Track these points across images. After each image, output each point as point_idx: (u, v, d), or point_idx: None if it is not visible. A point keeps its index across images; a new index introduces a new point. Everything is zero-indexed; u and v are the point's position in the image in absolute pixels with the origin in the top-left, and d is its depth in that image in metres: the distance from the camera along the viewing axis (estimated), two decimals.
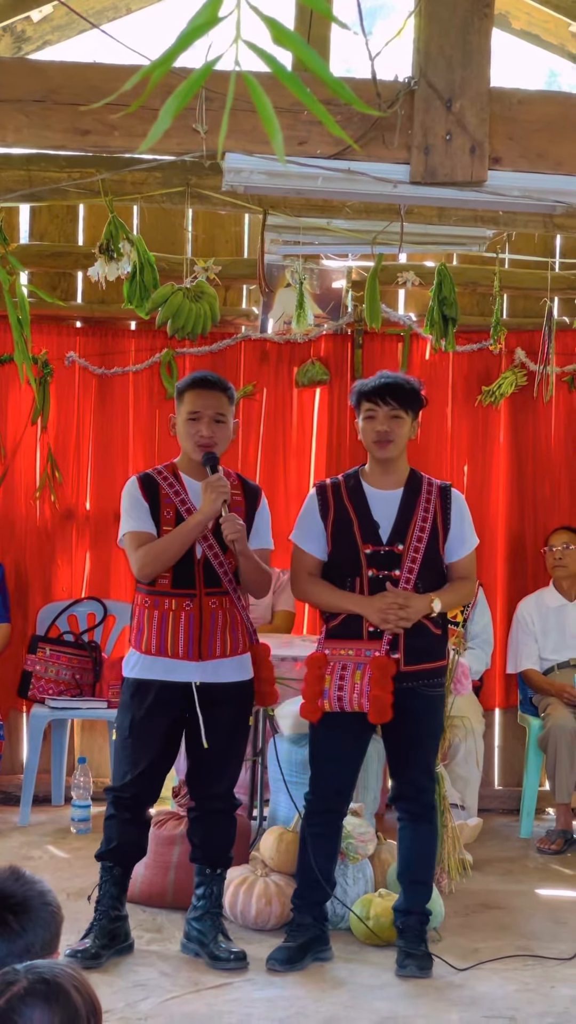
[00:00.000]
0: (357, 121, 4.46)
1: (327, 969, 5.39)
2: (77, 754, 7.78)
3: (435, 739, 5.60)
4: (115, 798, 5.48)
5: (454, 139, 4.55)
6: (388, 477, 5.48)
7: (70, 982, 2.37)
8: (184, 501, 5.39)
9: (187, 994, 5.08)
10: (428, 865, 5.57)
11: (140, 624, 5.44)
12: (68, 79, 4.51)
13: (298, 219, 6.42)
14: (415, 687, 5.36)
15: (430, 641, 5.41)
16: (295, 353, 8.05)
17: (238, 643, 5.43)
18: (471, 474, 8.20)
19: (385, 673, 5.26)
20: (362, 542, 5.40)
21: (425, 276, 7.52)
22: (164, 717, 5.38)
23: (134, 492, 5.44)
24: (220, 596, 5.39)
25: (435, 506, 5.43)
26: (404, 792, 5.53)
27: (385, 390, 5.42)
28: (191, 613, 5.35)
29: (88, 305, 7.94)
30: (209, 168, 5.37)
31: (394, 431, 5.41)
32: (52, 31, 7.17)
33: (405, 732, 5.44)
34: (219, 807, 5.51)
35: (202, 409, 5.37)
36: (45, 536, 7.95)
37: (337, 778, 5.48)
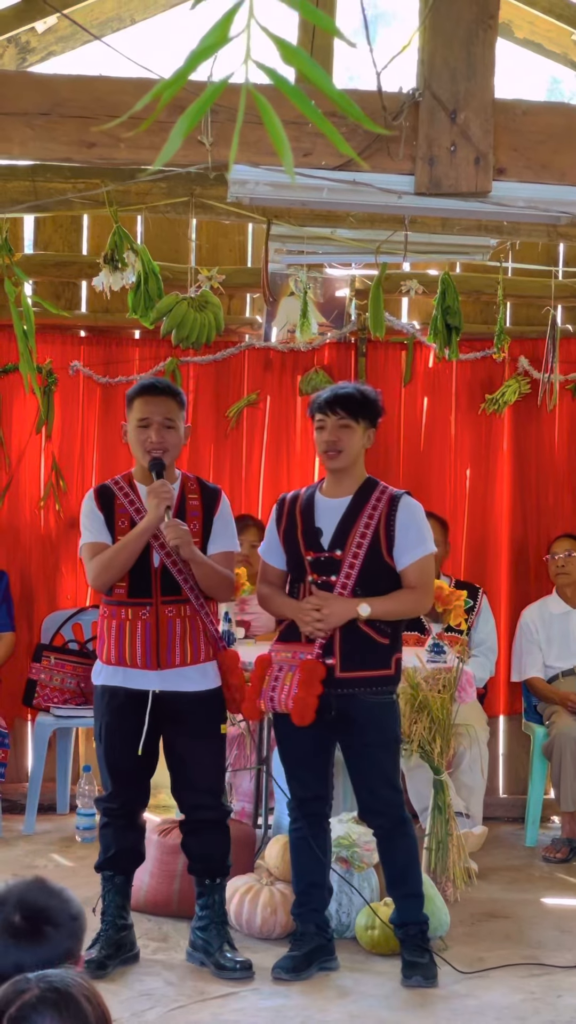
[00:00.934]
0: (362, 133, 4.47)
1: (333, 978, 5.39)
2: (82, 762, 7.78)
3: (390, 750, 5.49)
4: (105, 808, 5.53)
5: (459, 150, 4.56)
6: (340, 486, 5.49)
7: (81, 991, 2.38)
8: (139, 510, 5.41)
9: (193, 1003, 5.09)
10: (415, 876, 5.53)
11: (102, 634, 5.50)
12: (74, 92, 4.52)
13: (302, 229, 6.43)
14: (355, 693, 5.34)
15: (372, 648, 5.37)
16: (299, 361, 8.06)
17: (199, 651, 5.43)
18: (475, 482, 8.20)
19: (312, 676, 5.26)
20: (305, 548, 5.43)
21: (428, 285, 7.52)
22: (132, 719, 5.38)
23: (90, 504, 5.49)
24: (179, 604, 5.40)
25: (381, 513, 5.40)
26: (369, 806, 5.49)
27: (334, 400, 5.43)
28: (147, 622, 5.36)
29: (92, 314, 7.95)
30: (214, 179, 5.38)
31: (342, 440, 5.41)
32: (56, 42, 7.18)
33: (355, 742, 5.43)
34: (207, 817, 5.50)
35: (151, 415, 5.38)
36: (49, 545, 7.96)
37: (307, 781, 5.51)
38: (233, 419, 7.98)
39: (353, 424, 5.41)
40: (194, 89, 1.76)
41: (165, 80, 1.73)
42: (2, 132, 4.51)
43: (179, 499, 5.44)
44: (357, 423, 5.42)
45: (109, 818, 5.50)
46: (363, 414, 5.43)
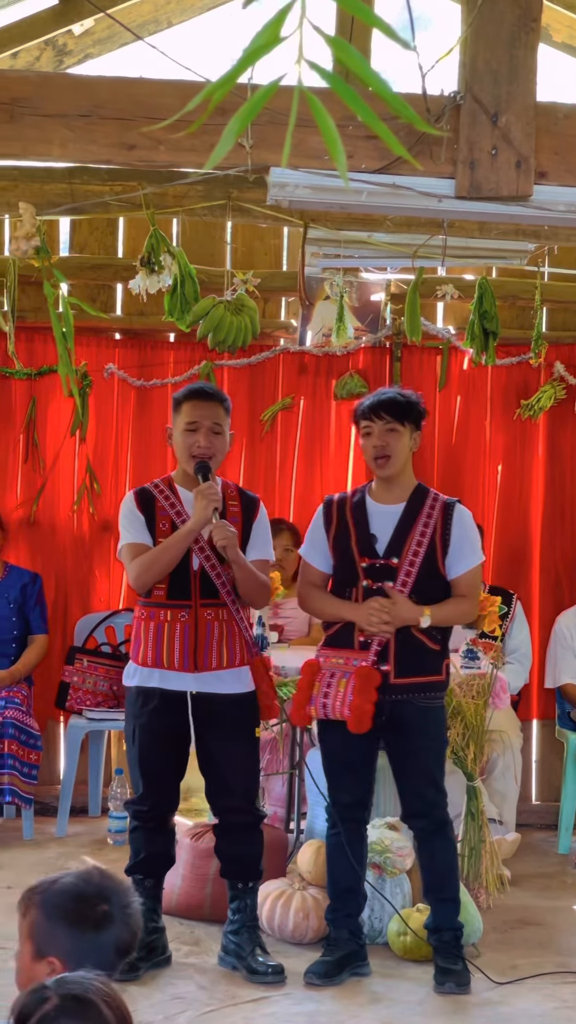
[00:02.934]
0: (403, 135, 4.44)
1: (365, 984, 5.38)
2: (114, 765, 7.78)
3: (438, 753, 5.54)
4: (135, 811, 5.52)
5: (500, 154, 4.55)
6: (391, 492, 5.49)
7: (100, 996, 2.38)
8: (180, 513, 5.41)
9: (225, 1007, 5.08)
10: (452, 880, 5.53)
11: (138, 636, 5.48)
12: (114, 94, 4.52)
13: (339, 232, 6.41)
14: (408, 699, 5.35)
15: (425, 655, 5.39)
16: (333, 366, 8.05)
17: (235, 655, 5.43)
18: (509, 487, 8.17)
19: (368, 683, 5.26)
20: (359, 555, 5.42)
21: (464, 289, 7.49)
22: (166, 721, 5.40)
23: (130, 506, 5.49)
24: (217, 608, 5.41)
25: (436, 521, 5.42)
26: (413, 808, 5.51)
27: (379, 406, 5.44)
28: (186, 624, 5.37)
29: (127, 317, 7.96)
30: (252, 182, 5.37)
31: (391, 445, 5.41)
32: (93, 44, 7.19)
33: (404, 747, 5.44)
34: (241, 820, 5.50)
35: (200, 419, 5.40)
36: (83, 548, 7.97)
37: (349, 787, 5.49)
38: (267, 423, 7.97)
39: (400, 428, 5.41)
40: (237, 91, 1.75)
41: (215, 82, 1.72)
42: (42, 134, 4.51)
43: (220, 506, 5.44)
44: (403, 426, 5.42)
45: (139, 821, 5.50)
46: (408, 417, 5.44)
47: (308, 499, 8.00)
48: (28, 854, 6.99)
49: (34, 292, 7.16)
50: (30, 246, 5.45)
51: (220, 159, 1.57)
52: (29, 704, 7.35)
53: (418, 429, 5.50)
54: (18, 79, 4.69)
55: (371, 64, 1.67)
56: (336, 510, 5.55)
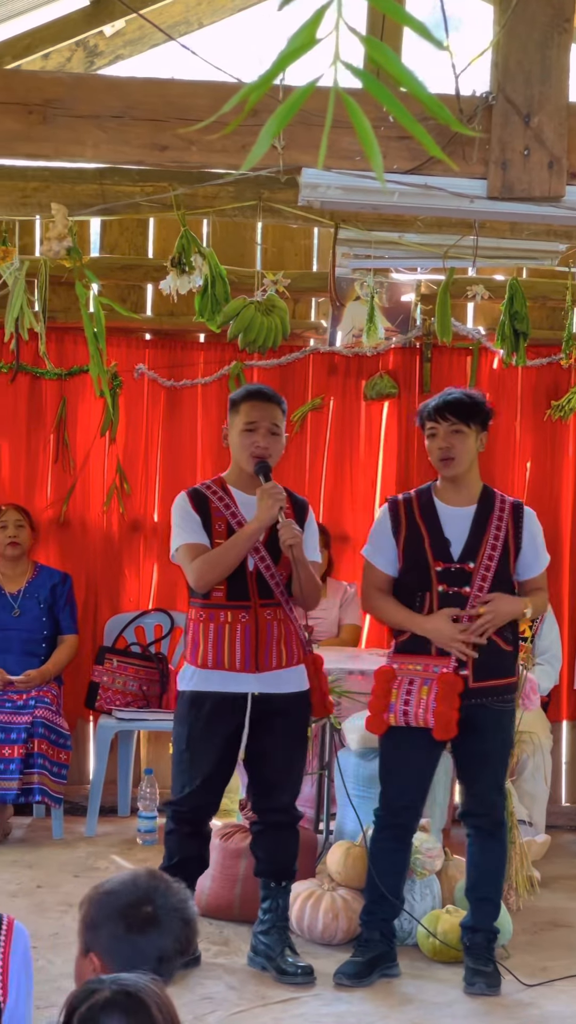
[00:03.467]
0: (434, 136, 4.41)
1: (395, 985, 5.37)
2: (143, 765, 7.79)
3: (505, 755, 5.58)
4: (175, 812, 5.49)
5: (532, 154, 4.53)
6: (460, 494, 5.45)
7: (153, 998, 2.38)
8: (235, 514, 5.41)
9: (254, 1008, 5.08)
10: (496, 883, 5.54)
11: (195, 638, 5.45)
12: (146, 95, 4.53)
13: (369, 233, 6.41)
14: (484, 703, 5.35)
15: (500, 657, 5.39)
16: (363, 366, 8.05)
17: (293, 654, 5.44)
18: (538, 488, 8.15)
19: (452, 690, 5.25)
20: (433, 559, 5.38)
21: (494, 290, 7.48)
22: (222, 728, 5.38)
23: (185, 506, 5.47)
24: (274, 607, 5.41)
25: (507, 524, 5.40)
26: (473, 808, 5.52)
27: (444, 407, 5.41)
28: (247, 625, 5.36)
29: (157, 318, 7.97)
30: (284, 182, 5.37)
31: (456, 446, 5.38)
32: (124, 45, 7.20)
33: (474, 748, 5.42)
34: (282, 820, 5.51)
35: (259, 420, 5.40)
36: (113, 548, 7.98)
37: (406, 793, 5.46)
38: (297, 423, 7.97)
39: (465, 429, 5.38)
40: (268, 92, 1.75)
41: (252, 83, 1.72)
42: (74, 135, 4.52)
43: None
44: (469, 428, 5.38)
45: (176, 824, 5.48)
46: (474, 419, 5.40)
47: (337, 500, 8.00)
48: (57, 853, 7.00)
49: (64, 292, 7.19)
50: (62, 247, 5.46)
51: (256, 160, 1.57)
52: (59, 704, 7.37)
53: (484, 430, 5.46)
54: (51, 80, 4.69)
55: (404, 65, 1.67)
56: (404, 511, 5.49)
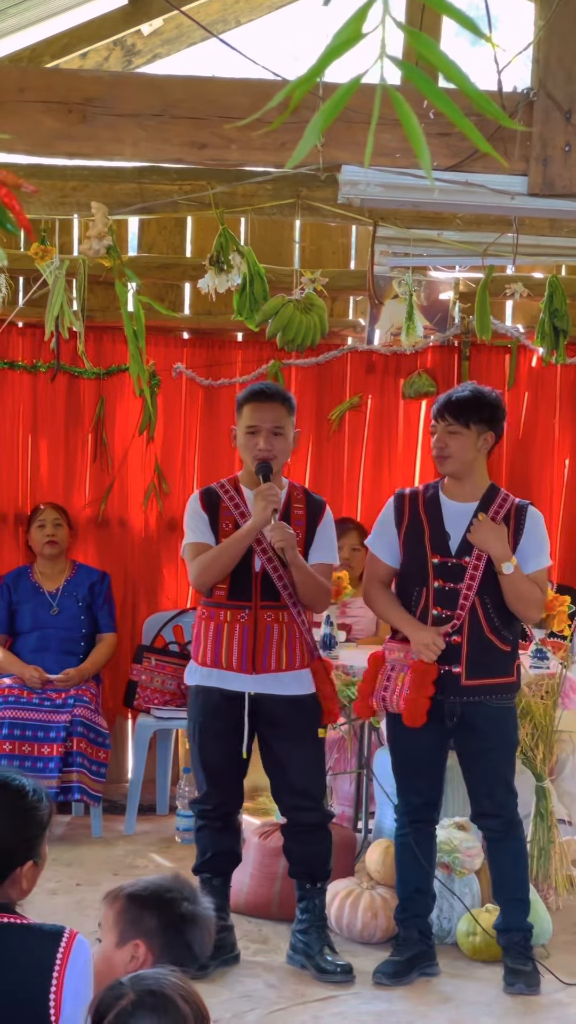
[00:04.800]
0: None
1: (434, 984, 5.37)
2: (182, 764, 7.80)
3: (509, 753, 5.51)
4: (201, 811, 5.55)
5: (573, 150, 4.52)
6: (463, 490, 5.45)
7: (177, 991, 2.39)
8: (243, 513, 5.42)
9: (293, 1006, 5.09)
10: (522, 881, 5.51)
11: (198, 635, 5.51)
12: (186, 93, 4.53)
13: (408, 231, 6.40)
14: (480, 701, 5.34)
15: (496, 657, 5.37)
16: (401, 365, 8.04)
17: (295, 658, 5.43)
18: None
19: (424, 677, 5.25)
20: (431, 552, 5.38)
21: (533, 287, 7.46)
22: (222, 723, 5.42)
23: (194, 506, 5.51)
24: (277, 610, 5.41)
25: (508, 522, 5.37)
26: (483, 809, 5.49)
27: (444, 406, 5.41)
28: (246, 625, 5.38)
29: (195, 316, 7.97)
30: (324, 180, 5.37)
31: (449, 446, 5.37)
32: (161, 44, 7.21)
33: (476, 748, 5.42)
34: (309, 820, 5.50)
35: (260, 423, 5.39)
36: (151, 547, 7.99)
37: (418, 787, 5.48)
38: (335, 422, 7.97)
39: (462, 430, 5.36)
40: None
41: (296, 80, 1.72)
42: (114, 133, 4.53)
43: (284, 507, 5.45)
44: (467, 428, 5.36)
45: (205, 820, 5.51)
46: (475, 418, 5.37)
47: (376, 498, 7.98)
48: (97, 852, 7.01)
49: (102, 292, 7.20)
50: (102, 246, 5.48)
51: (301, 158, 1.57)
52: (98, 703, 7.38)
53: (490, 430, 5.42)
54: (91, 79, 4.71)
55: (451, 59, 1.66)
56: (408, 504, 5.50)
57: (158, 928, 2.79)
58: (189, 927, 2.81)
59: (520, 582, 5.30)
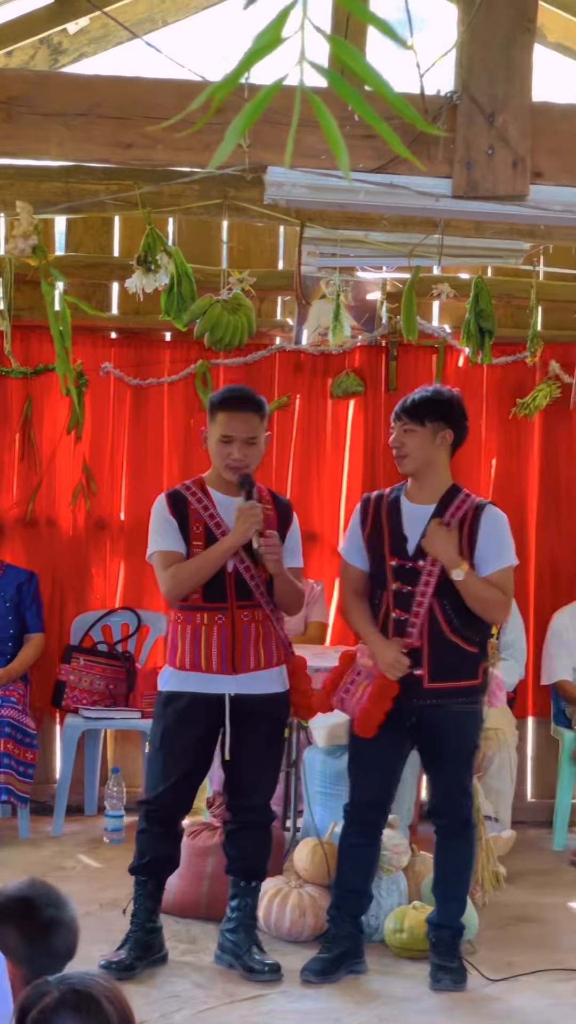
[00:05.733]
0: (399, 135, 4.45)
1: (361, 981, 5.39)
2: (110, 764, 7.78)
3: (468, 756, 5.53)
4: (147, 811, 5.49)
5: (496, 153, 4.56)
6: (423, 492, 5.44)
7: (101, 992, 2.38)
8: (213, 516, 5.40)
9: (221, 1005, 5.09)
10: (463, 880, 5.55)
11: (174, 639, 5.46)
12: (111, 93, 4.53)
13: (335, 231, 6.42)
14: (441, 704, 5.33)
15: (461, 659, 5.35)
16: (329, 365, 8.06)
17: (272, 656, 5.43)
18: (503, 486, 8.17)
19: (385, 693, 5.26)
20: (389, 554, 5.39)
21: (459, 288, 7.51)
22: (197, 728, 5.39)
23: (162, 511, 5.45)
24: (252, 609, 5.40)
25: (465, 523, 5.36)
26: (438, 808, 5.53)
27: (401, 407, 5.43)
28: (223, 627, 5.36)
29: (123, 316, 7.95)
30: (250, 180, 5.38)
31: (405, 445, 5.38)
32: (88, 43, 7.18)
33: (436, 749, 5.45)
34: (255, 820, 5.51)
35: (234, 433, 5.36)
36: (80, 546, 7.96)
37: (374, 789, 5.48)
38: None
39: (417, 428, 5.36)
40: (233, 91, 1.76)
41: (218, 82, 1.73)
42: (39, 132, 4.52)
43: None
44: (423, 426, 5.36)
45: (148, 823, 5.47)
46: (430, 416, 5.37)
47: (304, 498, 7.99)
48: (24, 853, 6.98)
49: (29, 291, 7.16)
50: (28, 245, 5.45)
51: (223, 159, 1.58)
52: (25, 703, 7.35)
53: (448, 426, 5.41)
54: (16, 78, 4.69)
55: (369, 64, 1.68)
56: (372, 508, 5.50)
57: (20, 943, 2.76)
58: (53, 934, 2.78)
59: (474, 586, 5.25)
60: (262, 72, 1.81)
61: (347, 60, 1.65)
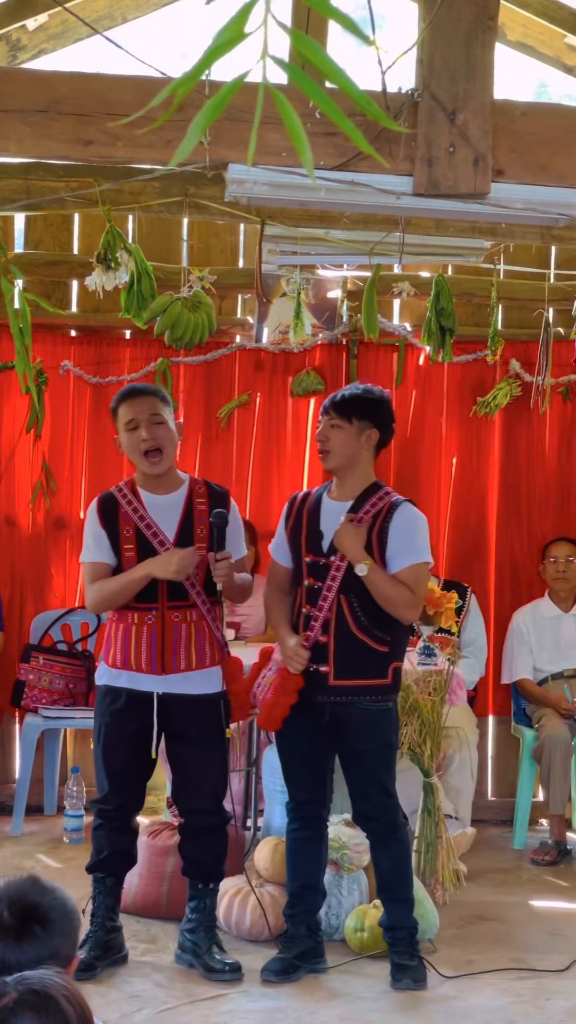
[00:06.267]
0: (361, 132, 4.45)
1: (322, 980, 5.39)
2: (70, 763, 7.75)
3: (386, 756, 5.45)
4: (100, 810, 5.50)
5: (457, 151, 4.55)
6: (344, 489, 5.45)
7: (60, 992, 2.36)
8: (143, 517, 5.40)
9: (181, 1005, 5.08)
10: (405, 881, 5.51)
11: (108, 638, 5.49)
12: (72, 89, 4.50)
13: (296, 229, 6.42)
14: (351, 702, 5.31)
15: (369, 657, 5.32)
16: (290, 363, 8.05)
17: (205, 656, 5.42)
18: (464, 483, 8.19)
19: (287, 684, 5.27)
20: (305, 551, 5.40)
21: (420, 286, 7.52)
22: (129, 725, 5.39)
23: (92, 518, 5.48)
24: (185, 609, 5.39)
25: (376, 520, 5.34)
26: (362, 810, 5.49)
27: (329, 402, 5.44)
28: (153, 627, 5.36)
29: (83, 314, 7.92)
30: (210, 178, 5.37)
31: (330, 439, 5.38)
32: (47, 40, 7.15)
33: (349, 748, 5.42)
34: (206, 822, 5.49)
35: (136, 415, 5.37)
36: (39, 545, 7.93)
37: (303, 784, 5.49)
38: (224, 420, 7.96)
39: (343, 424, 5.37)
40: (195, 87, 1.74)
41: (179, 78, 1.71)
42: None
43: (187, 504, 5.44)
44: (349, 423, 5.36)
45: (103, 820, 5.48)
46: (358, 413, 5.38)
47: (265, 496, 7.99)
48: None
49: None
50: None
51: (184, 156, 1.56)
52: None
53: (375, 426, 5.42)
54: None
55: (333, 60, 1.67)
56: (296, 506, 5.53)
57: None
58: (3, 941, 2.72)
59: (380, 583, 5.23)
60: (224, 69, 1.79)
61: (310, 56, 1.64)
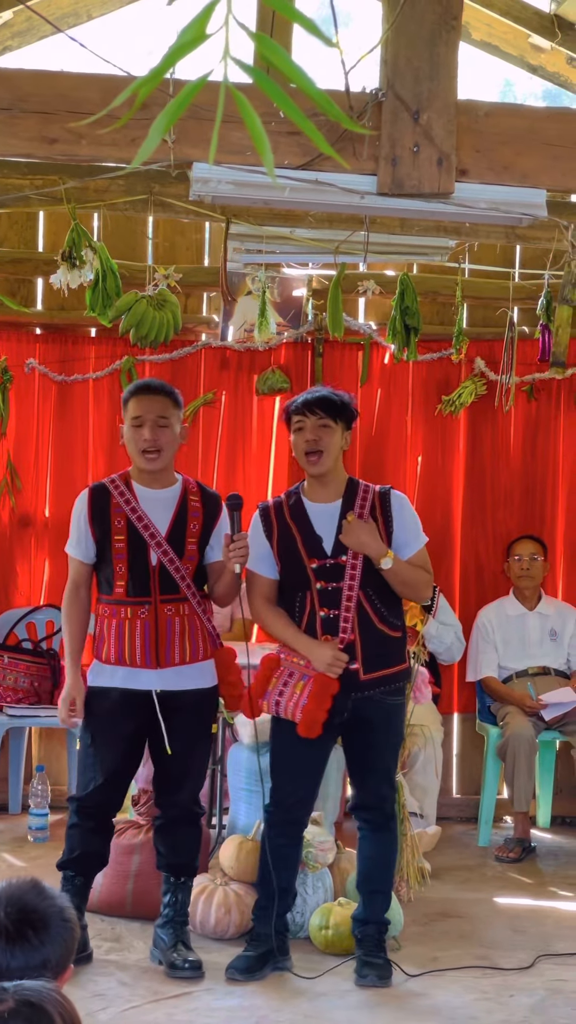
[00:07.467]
0: (325, 132, 4.44)
1: (287, 979, 5.38)
2: (35, 762, 7.74)
3: (396, 748, 5.59)
4: (79, 807, 5.47)
5: (421, 151, 4.56)
6: (326, 489, 5.45)
7: (56, 1008, 2.37)
8: (135, 510, 5.40)
9: (146, 1004, 5.07)
10: (388, 875, 5.57)
11: (100, 633, 5.47)
12: (35, 87, 4.49)
13: (261, 228, 6.42)
14: (373, 695, 5.35)
15: (388, 645, 5.39)
16: (255, 361, 8.05)
17: (198, 650, 5.43)
18: (429, 482, 8.20)
19: (325, 691, 5.25)
20: (307, 557, 5.38)
21: (385, 285, 7.53)
22: (127, 723, 5.38)
23: (80, 509, 5.49)
24: (177, 603, 5.39)
25: (375, 511, 5.39)
26: (365, 801, 5.52)
27: (313, 402, 5.42)
28: (147, 621, 5.36)
29: (48, 312, 7.90)
30: (175, 176, 5.37)
31: (323, 439, 5.37)
32: (12, 37, 7.13)
33: (365, 741, 5.44)
34: (183, 815, 5.50)
35: (144, 414, 5.38)
36: (4, 543, 7.91)
37: (298, 787, 5.47)
38: (189, 418, 7.96)
39: (332, 424, 5.38)
40: (159, 86, 1.75)
41: (142, 77, 1.71)
42: None
43: (180, 501, 5.44)
44: (336, 423, 5.39)
45: (79, 818, 5.46)
46: (340, 415, 5.41)
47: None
48: None
49: None
50: None
51: (148, 155, 1.57)
52: None
53: (349, 429, 5.47)
54: None
55: (294, 61, 1.67)
56: (275, 515, 5.49)
57: None
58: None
59: (403, 571, 5.33)
60: (187, 68, 1.79)
61: (272, 57, 1.64)
